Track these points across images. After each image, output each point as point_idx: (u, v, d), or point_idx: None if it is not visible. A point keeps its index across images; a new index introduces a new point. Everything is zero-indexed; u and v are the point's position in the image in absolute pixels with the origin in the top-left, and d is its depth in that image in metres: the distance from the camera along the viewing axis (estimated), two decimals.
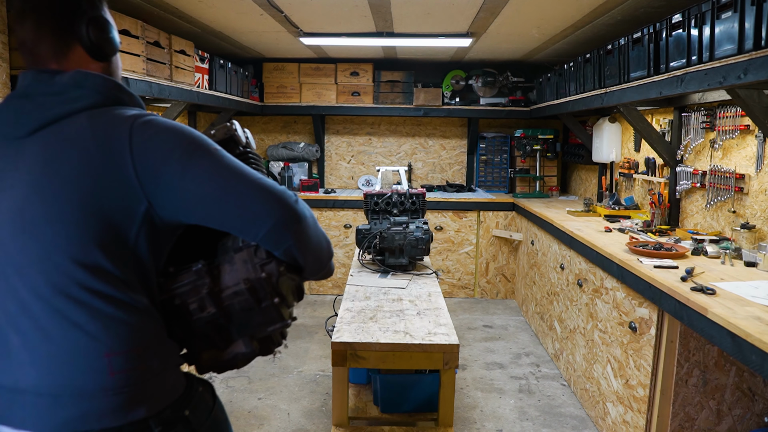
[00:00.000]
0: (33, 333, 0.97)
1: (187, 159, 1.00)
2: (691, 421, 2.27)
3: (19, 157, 1.00)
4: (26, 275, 0.97)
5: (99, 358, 0.98)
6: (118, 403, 0.98)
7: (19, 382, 0.98)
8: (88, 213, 0.97)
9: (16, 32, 1.06)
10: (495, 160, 5.53)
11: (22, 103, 1.02)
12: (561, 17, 3.33)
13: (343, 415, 2.19)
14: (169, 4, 3.10)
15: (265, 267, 1.11)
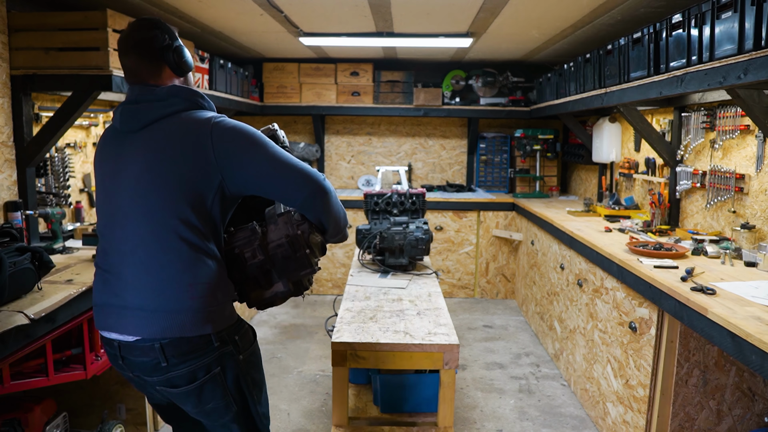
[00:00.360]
0: (138, 267, 1.44)
1: (248, 147, 1.46)
2: (691, 421, 2.27)
3: (135, 145, 1.48)
4: (137, 227, 1.44)
5: (184, 288, 1.43)
6: (194, 320, 1.44)
7: (127, 302, 1.45)
8: (182, 184, 1.43)
9: (122, 61, 1.55)
10: (495, 160, 5.53)
11: (133, 108, 1.50)
12: (561, 17, 3.33)
13: (343, 415, 2.19)
14: (169, 4, 3.10)
15: (300, 226, 1.57)
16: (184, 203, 1.44)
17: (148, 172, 1.45)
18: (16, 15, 2.55)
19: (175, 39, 1.57)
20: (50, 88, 2.64)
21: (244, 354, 1.56)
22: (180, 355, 1.46)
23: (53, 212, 2.50)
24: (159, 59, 1.53)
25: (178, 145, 1.44)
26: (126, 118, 1.50)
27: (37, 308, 1.79)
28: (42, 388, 2.11)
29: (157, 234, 1.43)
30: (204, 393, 1.51)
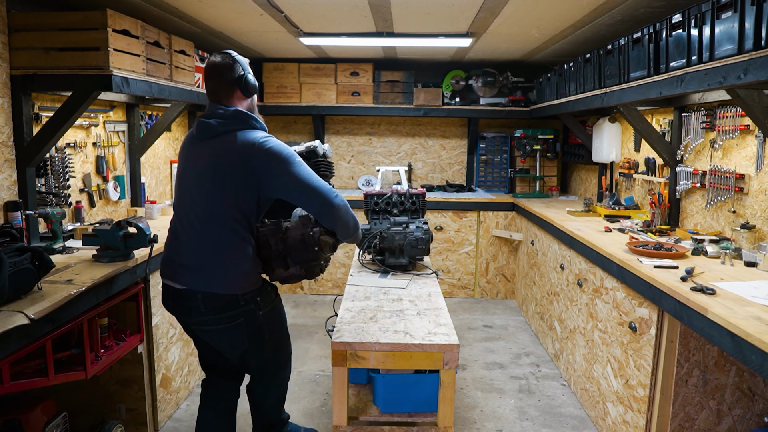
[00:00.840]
0: (192, 236, 2.00)
1: (283, 165, 1.96)
2: (691, 421, 2.27)
3: (203, 149, 2.02)
4: (195, 207, 2.00)
5: (222, 254, 1.97)
6: (227, 281, 1.98)
7: (183, 260, 2.01)
8: (230, 183, 1.96)
9: (206, 83, 2.07)
10: (495, 160, 5.53)
11: (206, 122, 2.02)
12: (561, 17, 3.33)
13: (343, 415, 2.19)
14: (169, 4, 3.10)
15: (313, 228, 2.06)
16: (230, 196, 1.96)
17: (209, 171, 1.99)
18: (16, 15, 2.55)
19: (246, 70, 2.06)
20: (50, 88, 2.64)
21: (264, 311, 2.09)
22: (212, 306, 2.00)
23: (53, 212, 2.49)
24: (234, 85, 2.04)
25: (232, 155, 1.96)
26: (200, 129, 2.04)
27: (37, 308, 1.79)
28: (42, 388, 2.11)
29: (208, 215, 1.98)
30: (220, 335, 2.08)
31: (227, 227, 1.97)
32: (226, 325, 2.03)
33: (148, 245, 2.48)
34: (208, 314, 2.01)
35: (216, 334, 2.07)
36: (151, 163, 4.04)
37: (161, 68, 3.06)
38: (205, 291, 1.98)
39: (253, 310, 2.04)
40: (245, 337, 2.08)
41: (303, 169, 1.98)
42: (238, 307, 2.01)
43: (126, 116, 3.63)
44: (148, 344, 2.66)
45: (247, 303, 2.02)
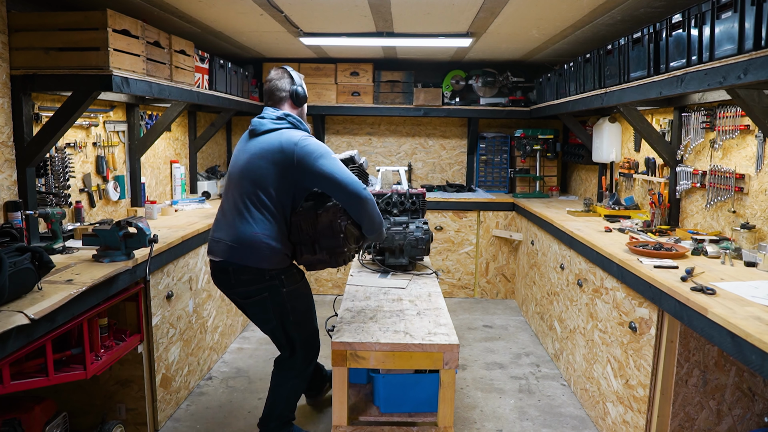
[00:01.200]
0: (233, 215, 2.31)
1: (318, 159, 2.23)
2: (691, 421, 2.27)
3: (255, 143, 2.35)
4: (238, 191, 2.32)
5: (254, 232, 2.26)
6: (257, 256, 2.27)
7: (221, 236, 2.34)
8: (272, 171, 2.26)
9: (264, 90, 2.47)
10: (495, 160, 5.53)
11: (260, 121, 2.38)
12: (561, 17, 3.33)
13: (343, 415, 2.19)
14: (169, 4, 3.10)
15: (341, 217, 2.26)
16: (269, 182, 2.26)
17: (255, 160, 2.30)
18: (16, 15, 2.55)
19: (298, 83, 2.45)
20: (50, 88, 2.64)
21: (288, 288, 2.35)
22: (241, 279, 2.32)
23: (53, 212, 2.49)
24: (285, 94, 2.44)
25: (276, 149, 2.27)
26: (255, 126, 2.38)
27: (37, 308, 1.79)
28: (42, 388, 2.11)
29: (249, 198, 2.28)
30: (252, 307, 2.40)
31: (263, 209, 2.28)
32: (253, 298, 2.35)
33: (148, 245, 2.48)
34: (238, 286, 2.35)
35: (247, 307, 2.42)
36: (151, 163, 4.04)
37: (161, 68, 3.06)
38: (237, 264, 2.29)
39: (277, 286, 2.32)
40: (270, 313, 2.37)
41: (337, 163, 2.25)
42: (263, 281, 2.30)
43: (126, 116, 3.63)
44: (148, 344, 2.66)
45: (272, 278, 2.31)
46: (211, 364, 3.55)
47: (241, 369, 3.55)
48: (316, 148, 2.25)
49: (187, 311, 3.12)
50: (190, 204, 4.17)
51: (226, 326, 3.82)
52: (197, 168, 4.84)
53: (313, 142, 2.27)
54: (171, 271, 2.91)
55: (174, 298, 2.94)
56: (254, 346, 3.92)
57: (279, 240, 2.28)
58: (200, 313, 3.33)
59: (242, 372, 3.51)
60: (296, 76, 2.46)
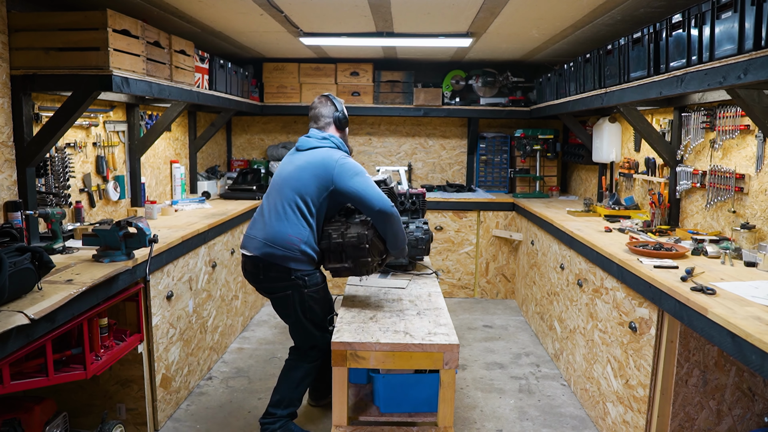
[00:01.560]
0: (270, 217, 2.55)
1: (353, 176, 2.48)
2: (691, 421, 2.27)
3: (300, 157, 2.61)
4: (279, 196, 2.56)
5: (286, 236, 2.49)
6: (286, 255, 2.49)
7: (256, 234, 2.57)
8: (312, 183, 2.51)
9: (310, 114, 2.75)
10: (495, 160, 5.53)
11: (306, 139, 2.66)
12: (561, 17, 3.33)
13: (343, 415, 2.19)
14: (169, 4, 3.10)
15: (368, 231, 2.46)
16: (307, 192, 2.50)
17: (298, 172, 2.55)
18: (16, 15, 2.55)
19: (340, 110, 2.72)
20: (50, 88, 2.64)
21: (309, 290, 2.54)
22: (269, 275, 2.54)
23: (53, 212, 2.49)
24: (330, 120, 2.71)
25: (318, 164, 2.53)
26: (301, 143, 2.67)
27: (37, 308, 1.79)
28: (42, 388, 2.11)
29: (288, 204, 2.52)
30: (276, 301, 2.63)
31: (299, 215, 2.50)
32: (277, 294, 2.58)
33: (148, 245, 2.48)
34: (265, 281, 2.57)
35: (272, 300, 2.65)
36: (151, 163, 4.04)
37: (161, 68, 3.06)
38: (267, 261, 2.51)
39: (299, 286, 2.52)
40: (291, 310, 2.58)
41: (369, 181, 2.48)
42: (288, 280, 2.51)
43: (126, 116, 3.63)
44: (148, 344, 2.66)
45: (296, 278, 2.51)
46: (211, 364, 3.55)
47: (241, 369, 3.55)
48: (353, 167, 2.52)
49: (187, 311, 3.12)
50: (190, 204, 4.17)
51: (226, 326, 3.82)
52: (197, 168, 4.84)
53: (350, 161, 2.55)
54: (171, 271, 2.91)
55: (174, 298, 2.94)
56: (254, 346, 3.92)
57: (309, 245, 2.50)
58: (200, 313, 3.33)
59: (242, 372, 3.51)
60: (338, 103, 2.72)
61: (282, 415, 2.61)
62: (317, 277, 2.58)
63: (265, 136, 5.76)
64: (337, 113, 2.70)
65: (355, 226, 2.48)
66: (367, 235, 2.44)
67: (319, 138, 2.64)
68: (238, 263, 4.05)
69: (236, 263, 4.01)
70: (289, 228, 2.49)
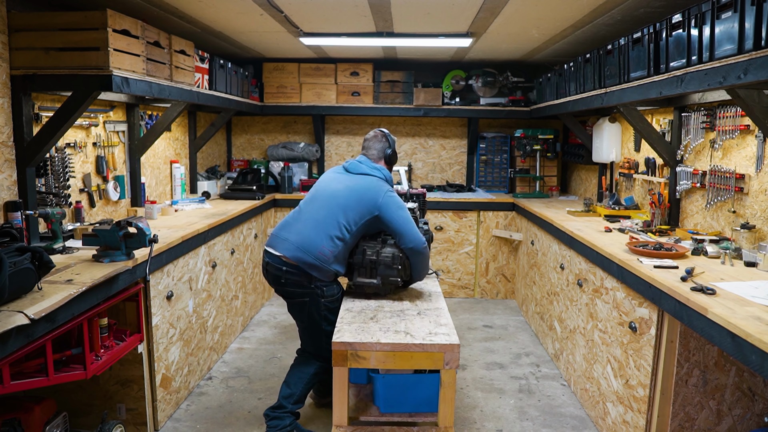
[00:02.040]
0: (306, 224, 2.68)
1: (397, 210, 2.68)
2: (691, 421, 2.27)
3: (346, 178, 2.81)
4: (320, 209, 2.71)
5: (318, 247, 2.61)
6: (313, 264, 2.60)
7: (289, 236, 2.68)
8: (359, 206, 2.67)
9: (364, 144, 2.95)
10: (495, 160, 5.53)
11: (357, 164, 2.84)
12: (561, 17, 3.33)
13: (343, 415, 2.19)
14: (169, 4, 3.10)
15: (402, 253, 2.65)
16: (350, 213, 2.65)
17: (344, 191, 2.72)
18: (16, 15, 2.55)
19: (392, 147, 2.91)
20: (50, 88, 2.64)
21: (326, 299, 2.66)
22: (290, 279, 2.65)
23: (53, 212, 2.49)
24: (383, 155, 2.89)
25: (365, 189, 2.71)
26: (352, 166, 2.84)
27: (37, 308, 1.79)
28: (42, 388, 2.11)
29: (326, 218, 2.65)
30: (293, 306, 2.75)
31: (334, 231, 2.63)
32: (295, 299, 2.70)
33: (148, 245, 2.48)
34: (286, 285, 2.68)
35: (290, 304, 2.77)
36: (151, 163, 4.04)
37: (161, 68, 3.06)
38: (292, 265, 2.62)
39: (318, 294, 2.64)
40: (306, 315, 2.70)
41: (409, 218, 2.69)
42: (307, 287, 2.63)
43: (126, 116, 3.63)
44: (148, 344, 2.66)
45: (316, 288, 2.63)
46: (211, 364, 3.55)
47: (241, 369, 3.55)
48: (398, 201, 2.71)
49: (187, 311, 3.12)
50: (190, 204, 4.17)
51: (226, 326, 3.82)
52: (197, 168, 4.84)
53: (397, 196, 2.74)
54: (171, 271, 2.91)
55: (174, 298, 2.94)
56: (254, 346, 3.92)
57: (338, 262, 2.65)
58: (200, 313, 3.33)
59: (242, 372, 3.51)
60: (392, 141, 2.91)
61: (291, 410, 2.68)
62: (335, 287, 2.71)
63: (265, 136, 5.76)
64: (389, 150, 2.89)
65: (390, 247, 2.65)
66: (401, 257, 2.62)
67: (370, 167, 2.80)
68: (238, 263, 4.05)
69: (236, 263, 4.01)
70: (325, 241, 2.61)
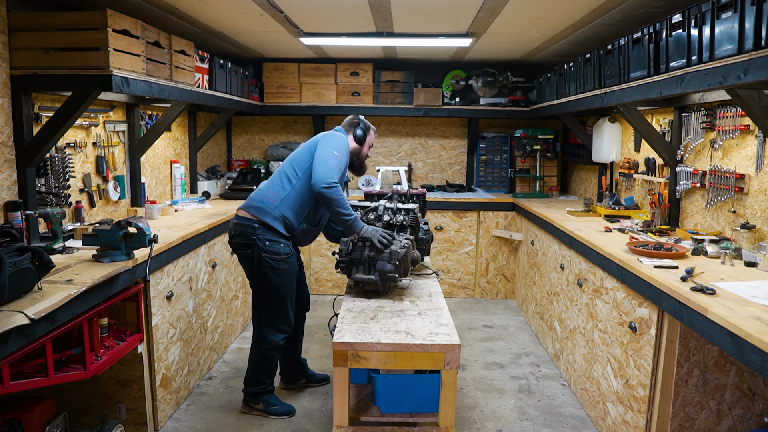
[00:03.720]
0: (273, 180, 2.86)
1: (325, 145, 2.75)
2: (691, 421, 2.27)
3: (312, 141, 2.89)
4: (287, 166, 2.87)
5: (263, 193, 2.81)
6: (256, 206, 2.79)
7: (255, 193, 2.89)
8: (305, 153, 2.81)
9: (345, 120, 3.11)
10: (495, 160, 5.53)
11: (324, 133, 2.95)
12: (561, 17, 3.33)
13: (344, 415, 2.19)
14: (169, 4, 3.10)
15: (401, 249, 2.53)
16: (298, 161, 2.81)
17: (298, 149, 2.86)
18: (16, 15, 2.55)
19: (364, 129, 2.96)
20: (50, 88, 2.64)
21: (267, 255, 2.71)
22: (237, 231, 2.79)
23: (53, 212, 2.49)
24: (350, 127, 2.98)
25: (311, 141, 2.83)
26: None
27: (37, 308, 1.79)
28: (42, 388, 2.11)
29: (276, 174, 2.84)
30: (240, 259, 2.84)
31: (281, 179, 2.75)
32: (241, 251, 2.77)
33: (148, 245, 2.48)
34: (233, 237, 2.80)
35: (239, 259, 2.85)
36: (151, 163, 4.04)
37: (161, 68, 3.06)
38: (238, 215, 2.80)
39: (259, 247, 2.68)
40: (248, 267, 2.78)
41: (330, 155, 2.64)
42: (249, 238, 2.70)
43: (126, 116, 3.63)
44: (148, 344, 2.66)
45: (257, 239, 2.68)
46: (211, 364, 3.55)
47: (241, 369, 3.55)
48: (334, 141, 2.71)
49: (187, 311, 3.12)
50: (190, 204, 4.17)
51: (226, 326, 3.82)
52: (197, 168, 4.84)
53: (336, 136, 2.77)
54: (171, 271, 2.91)
55: (174, 298, 2.94)
56: None
57: (286, 205, 2.73)
58: (200, 313, 3.32)
59: (242, 372, 3.50)
60: (364, 125, 2.96)
61: (252, 390, 2.94)
62: (280, 246, 2.73)
63: (265, 136, 5.76)
64: (359, 130, 2.94)
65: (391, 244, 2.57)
66: (399, 253, 2.52)
67: (338, 130, 2.92)
68: (238, 263, 4.05)
69: (236, 263, 4.01)
70: (271, 189, 2.74)
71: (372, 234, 2.57)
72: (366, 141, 2.97)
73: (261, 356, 2.91)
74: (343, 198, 2.61)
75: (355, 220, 2.61)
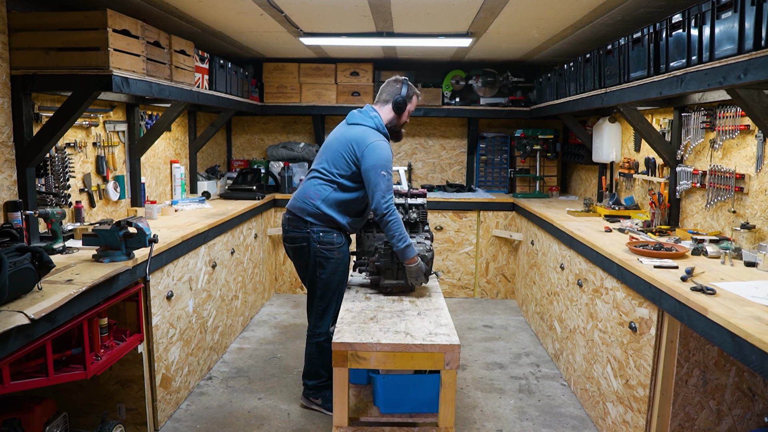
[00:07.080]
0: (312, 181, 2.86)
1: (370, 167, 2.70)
2: (691, 421, 2.27)
3: (343, 130, 2.87)
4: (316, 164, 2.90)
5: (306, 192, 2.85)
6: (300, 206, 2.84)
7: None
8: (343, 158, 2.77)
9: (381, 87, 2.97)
10: (495, 160, 5.53)
11: (355, 113, 2.88)
12: (561, 17, 3.33)
13: (343, 415, 2.19)
14: (169, 4, 3.10)
15: (427, 252, 2.74)
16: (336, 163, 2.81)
17: (335, 144, 2.81)
18: (16, 15, 2.55)
19: (406, 92, 2.83)
20: (50, 88, 2.64)
21: (322, 246, 2.78)
22: (291, 225, 2.86)
23: (53, 212, 2.49)
24: (390, 97, 2.85)
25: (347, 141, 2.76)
26: (350, 116, 2.88)
27: (37, 308, 1.79)
28: (42, 388, 2.11)
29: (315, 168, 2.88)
30: (296, 252, 2.90)
31: (320, 177, 2.80)
32: (296, 244, 2.84)
33: (148, 245, 2.48)
34: (288, 232, 2.87)
35: (293, 253, 2.91)
36: (151, 163, 4.04)
37: (161, 68, 3.06)
38: (289, 212, 2.87)
39: (313, 239, 2.77)
40: (304, 259, 2.84)
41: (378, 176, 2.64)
42: (303, 231, 2.79)
43: (126, 116, 3.63)
44: (148, 344, 2.66)
45: (312, 231, 2.77)
46: (211, 364, 3.55)
47: (241, 369, 3.55)
48: (377, 157, 2.66)
49: (187, 311, 3.12)
50: (190, 204, 4.17)
51: (226, 326, 3.82)
52: (197, 168, 4.84)
53: (380, 148, 2.68)
54: (171, 271, 2.91)
55: (174, 298, 2.94)
56: (254, 346, 3.92)
57: (328, 204, 2.77)
58: (200, 313, 3.32)
59: (242, 372, 3.51)
60: (407, 88, 2.81)
61: (311, 384, 2.99)
62: (334, 236, 2.80)
63: (265, 136, 5.76)
64: (399, 97, 2.79)
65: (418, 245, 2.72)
66: (426, 256, 2.69)
67: (366, 116, 2.80)
68: (238, 263, 4.05)
69: (236, 263, 4.01)
70: (312, 187, 2.79)
71: (417, 272, 2.68)
72: (406, 109, 2.86)
73: (316, 348, 2.93)
74: (399, 223, 2.64)
75: (408, 248, 2.64)
